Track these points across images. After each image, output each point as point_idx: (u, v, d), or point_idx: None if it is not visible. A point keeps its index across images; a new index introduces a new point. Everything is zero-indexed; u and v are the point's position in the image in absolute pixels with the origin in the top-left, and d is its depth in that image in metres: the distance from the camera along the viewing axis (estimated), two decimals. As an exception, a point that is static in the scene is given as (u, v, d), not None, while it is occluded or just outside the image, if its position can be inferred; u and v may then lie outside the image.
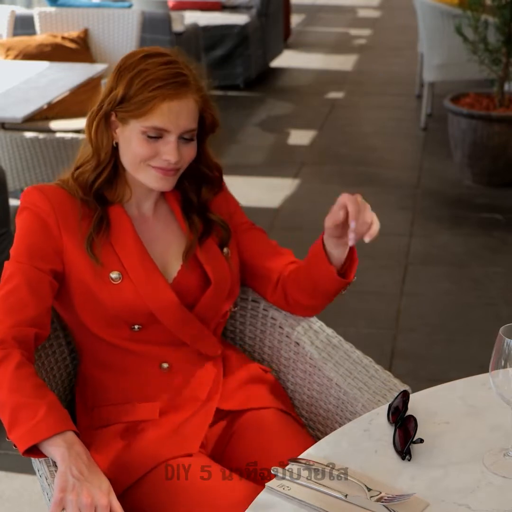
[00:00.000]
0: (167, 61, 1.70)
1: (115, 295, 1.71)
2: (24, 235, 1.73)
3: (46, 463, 1.53)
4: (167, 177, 1.73)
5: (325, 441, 1.50)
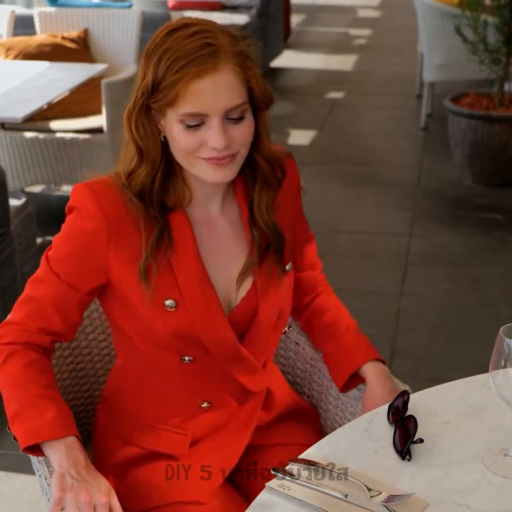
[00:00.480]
0: (192, 32, 1.45)
1: (167, 323, 1.54)
2: (68, 242, 1.55)
3: (45, 463, 1.52)
4: (223, 167, 1.49)
5: (325, 441, 1.50)
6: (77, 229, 1.53)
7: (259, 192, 1.58)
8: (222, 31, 1.47)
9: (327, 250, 4.21)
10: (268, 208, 1.59)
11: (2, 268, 3.05)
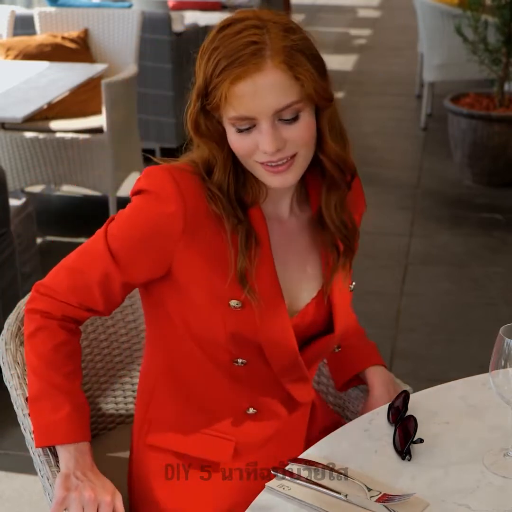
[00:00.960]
0: (239, 30, 1.35)
1: (230, 323, 1.47)
2: (136, 222, 1.45)
3: (47, 463, 1.52)
4: (280, 174, 1.41)
5: (325, 441, 1.50)
6: (151, 210, 1.43)
7: (327, 193, 1.50)
8: (275, 24, 1.36)
9: (327, 250, 4.21)
10: (337, 208, 1.51)
11: (2, 268, 3.05)
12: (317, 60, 1.43)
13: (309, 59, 1.39)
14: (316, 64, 1.42)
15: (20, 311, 1.70)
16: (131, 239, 1.46)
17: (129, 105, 4.45)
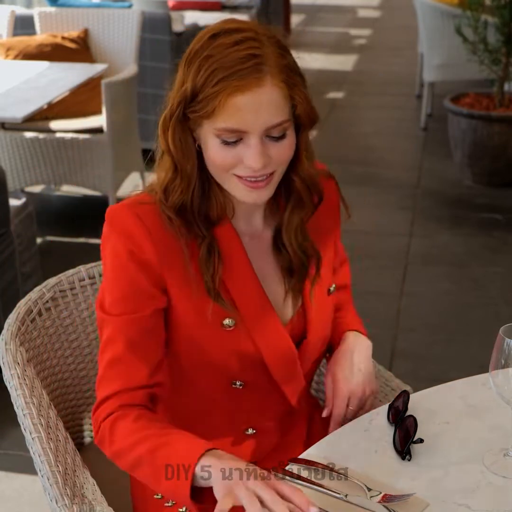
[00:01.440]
0: (236, 41, 1.33)
1: (225, 343, 1.46)
2: (119, 277, 1.44)
3: (47, 463, 1.52)
4: (258, 190, 1.40)
5: (325, 441, 1.50)
6: (125, 259, 1.43)
7: (290, 213, 1.49)
8: (270, 39, 1.36)
9: (327, 250, 4.21)
10: (297, 231, 1.50)
11: (2, 268, 3.05)
12: (306, 82, 1.41)
13: (302, 81, 1.39)
14: (306, 86, 1.40)
15: (20, 311, 1.70)
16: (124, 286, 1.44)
17: (129, 105, 4.45)
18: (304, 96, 1.38)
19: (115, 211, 1.45)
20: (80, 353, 1.84)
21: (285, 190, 1.48)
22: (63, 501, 1.49)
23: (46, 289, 1.76)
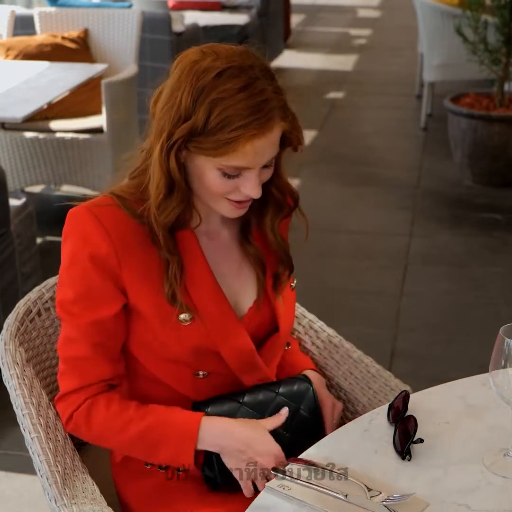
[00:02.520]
0: (245, 85, 1.41)
1: (183, 338, 1.53)
2: (78, 277, 1.50)
3: (47, 463, 1.52)
4: (243, 208, 1.53)
5: (325, 441, 1.50)
6: (82, 260, 1.49)
7: (273, 218, 1.60)
8: (267, 82, 1.43)
9: (327, 250, 4.21)
10: (275, 229, 1.62)
11: (2, 268, 3.05)
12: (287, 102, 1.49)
13: (292, 112, 1.48)
14: (290, 107, 1.48)
15: (19, 311, 1.70)
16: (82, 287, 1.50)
17: (129, 105, 4.45)
18: (299, 132, 1.51)
19: (75, 212, 1.51)
20: (80, 353, 1.84)
21: (263, 199, 1.55)
22: (62, 501, 1.49)
23: (45, 289, 1.76)
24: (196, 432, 1.51)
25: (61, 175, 4.29)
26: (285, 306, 1.66)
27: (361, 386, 1.79)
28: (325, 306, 1.84)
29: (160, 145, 1.46)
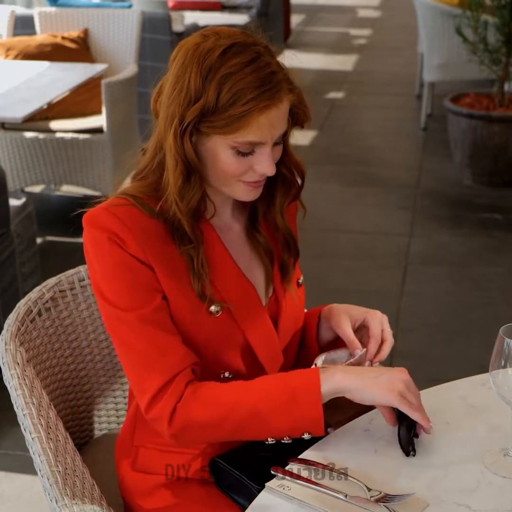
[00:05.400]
0: (252, 59, 1.42)
1: (213, 330, 1.52)
2: (118, 275, 1.48)
3: (47, 463, 1.52)
4: (258, 188, 1.52)
5: (325, 441, 1.50)
6: (118, 257, 1.47)
7: (282, 198, 1.60)
8: (272, 56, 1.46)
9: (327, 250, 4.21)
10: (283, 212, 1.61)
11: (2, 268, 3.05)
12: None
13: (297, 86, 1.49)
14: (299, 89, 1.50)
15: (20, 312, 1.70)
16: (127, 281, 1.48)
17: (129, 105, 4.45)
18: (305, 105, 1.51)
19: (93, 215, 1.50)
20: (80, 353, 1.84)
21: (270, 179, 1.55)
22: (63, 501, 1.49)
23: (45, 289, 1.76)
24: (318, 382, 1.44)
25: (61, 175, 4.29)
26: (292, 304, 1.64)
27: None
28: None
29: (173, 130, 1.44)
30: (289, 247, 1.63)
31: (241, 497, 1.51)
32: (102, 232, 1.48)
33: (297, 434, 1.46)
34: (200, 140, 1.46)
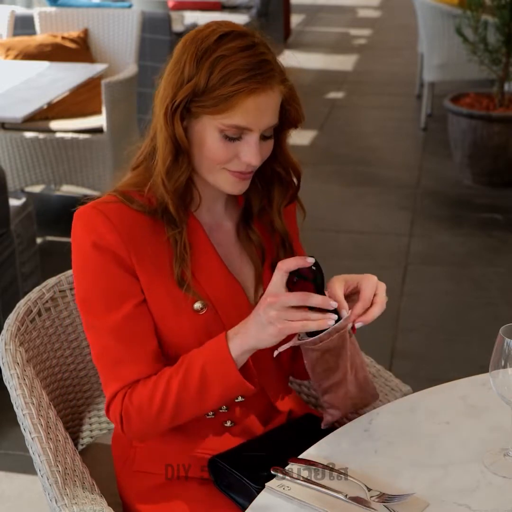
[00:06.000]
0: (247, 45, 1.44)
1: (198, 328, 1.52)
2: (96, 274, 1.50)
3: (47, 463, 1.52)
4: (244, 181, 1.51)
5: (325, 441, 1.50)
6: (95, 255, 1.49)
7: (277, 193, 1.60)
8: (268, 48, 1.47)
9: (327, 250, 4.21)
10: (280, 213, 1.61)
11: (2, 268, 3.05)
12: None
13: (291, 83, 1.50)
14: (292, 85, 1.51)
15: (20, 312, 1.70)
16: (105, 286, 1.50)
17: (129, 105, 4.45)
18: (298, 103, 1.52)
19: (81, 212, 1.52)
20: (80, 353, 1.84)
21: (265, 177, 1.58)
22: (63, 501, 1.49)
23: (45, 289, 1.76)
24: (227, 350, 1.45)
25: (61, 175, 4.29)
26: None
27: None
28: (325, 306, 1.83)
29: (164, 109, 1.47)
30: (285, 248, 1.63)
31: (241, 497, 1.51)
32: (87, 234, 1.49)
33: (231, 400, 1.53)
34: (190, 123, 1.47)
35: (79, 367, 1.84)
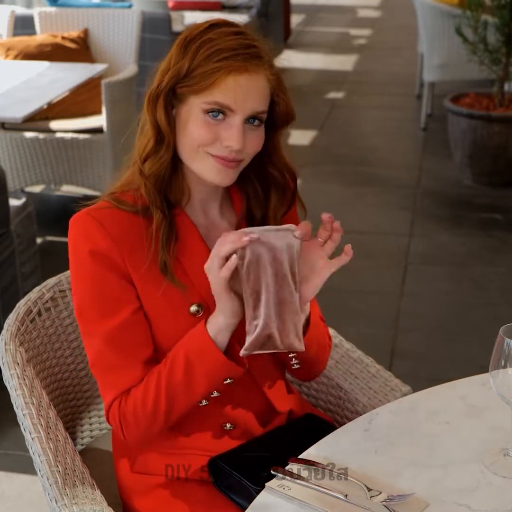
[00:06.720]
0: (236, 32, 1.47)
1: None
2: (90, 281, 1.50)
3: (47, 463, 1.53)
4: (227, 169, 1.47)
5: (325, 441, 1.50)
6: (90, 263, 1.49)
7: (274, 198, 1.59)
8: (258, 40, 1.48)
9: (327, 250, 4.21)
10: (276, 219, 1.59)
11: (2, 268, 3.05)
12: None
13: (279, 75, 1.51)
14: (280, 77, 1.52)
15: (20, 312, 1.70)
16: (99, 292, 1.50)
17: (129, 105, 4.45)
18: (287, 96, 1.51)
19: (76, 218, 1.52)
20: (80, 353, 1.84)
21: (263, 182, 1.58)
22: (63, 501, 1.49)
23: (45, 289, 1.76)
24: (205, 331, 1.46)
25: (61, 175, 4.29)
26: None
27: (361, 386, 1.80)
28: (325, 306, 1.83)
29: (148, 94, 1.50)
30: None
31: (240, 497, 1.51)
32: (83, 240, 1.50)
33: (220, 384, 1.50)
34: (178, 110, 1.48)
35: (79, 367, 1.84)
